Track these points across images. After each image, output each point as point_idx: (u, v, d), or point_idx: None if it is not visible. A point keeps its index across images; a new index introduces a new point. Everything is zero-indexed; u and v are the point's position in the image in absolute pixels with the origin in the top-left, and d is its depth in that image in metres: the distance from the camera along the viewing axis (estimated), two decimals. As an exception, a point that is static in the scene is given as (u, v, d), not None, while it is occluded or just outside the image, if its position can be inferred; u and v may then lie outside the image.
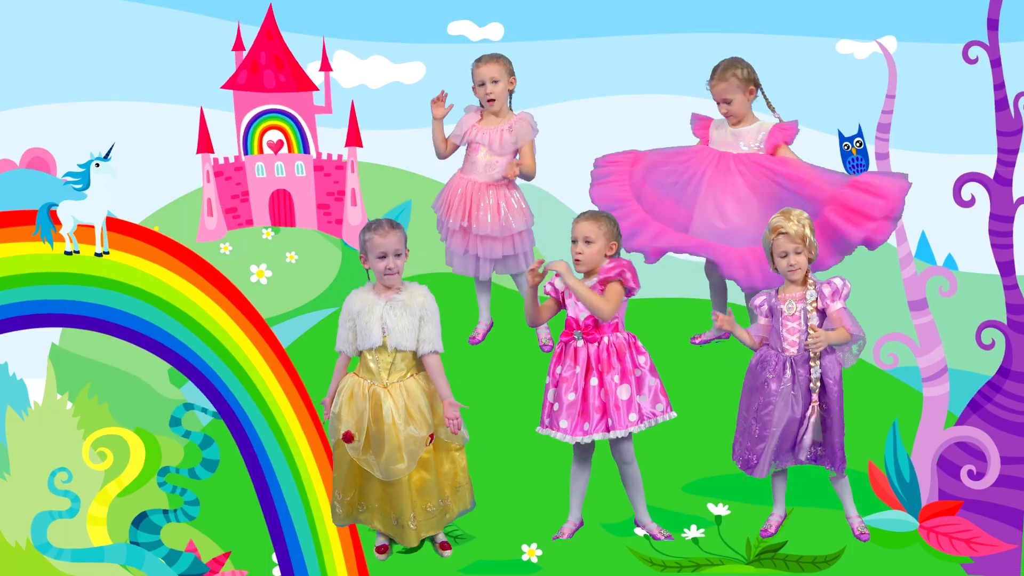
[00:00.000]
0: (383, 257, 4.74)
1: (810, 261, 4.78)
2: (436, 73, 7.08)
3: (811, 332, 4.71)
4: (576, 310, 4.84)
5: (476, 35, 7.14)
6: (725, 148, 5.66)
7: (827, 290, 4.75)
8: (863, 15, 7.00)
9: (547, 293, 4.92)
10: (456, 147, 5.95)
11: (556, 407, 4.82)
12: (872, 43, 6.88)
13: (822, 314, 4.77)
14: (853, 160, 5.21)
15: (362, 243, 4.79)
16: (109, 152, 4.88)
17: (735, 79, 5.60)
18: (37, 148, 5.21)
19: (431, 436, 4.80)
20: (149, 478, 5.18)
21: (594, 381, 4.78)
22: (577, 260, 4.82)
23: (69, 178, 4.88)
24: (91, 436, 5.20)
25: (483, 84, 5.80)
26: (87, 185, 4.85)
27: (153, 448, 5.21)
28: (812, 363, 4.74)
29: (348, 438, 4.76)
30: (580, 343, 4.82)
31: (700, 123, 5.83)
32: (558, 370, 4.84)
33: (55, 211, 4.85)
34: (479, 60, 5.83)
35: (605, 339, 4.79)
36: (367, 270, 4.85)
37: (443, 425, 4.82)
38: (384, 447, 4.73)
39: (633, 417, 4.76)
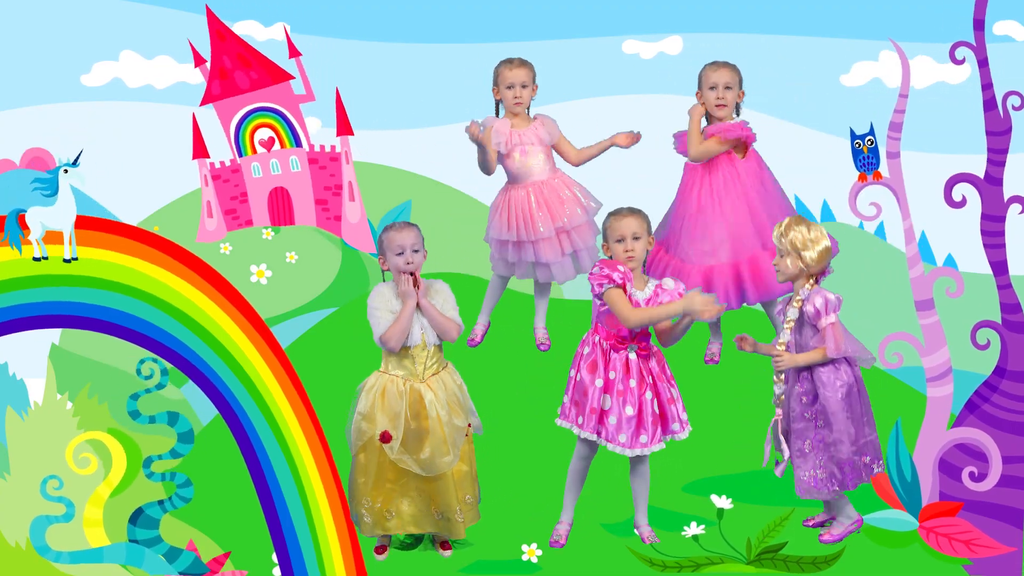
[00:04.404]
0: (400, 254, 4.76)
1: (812, 275, 4.77)
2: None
3: (776, 352, 4.75)
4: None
5: (262, 35, 7.12)
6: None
7: (809, 309, 4.75)
8: (648, 13, 7.08)
9: (614, 284, 4.76)
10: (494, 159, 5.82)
11: (613, 420, 4.78)
12: (657, 43, 6.96)
13: (814, 328, 4.78)
14: (864, 158, 5.21)
15: (380, 244, 4.83)
16: (77, 158, 4.88)
17: (738, 73, 5.66)
18: (37, 148, 5.19)
19: (469, 425, 4.85)
20: (136, 473, 5.16)
21: (649, 395, 4.81)
22: (630, 257, 4.76)
23: (37, 184, 4.87)
24: (72, 443, 5.18)
25: (512, 87, 5.72)
26: (55, 191, 4.84)
27: (129, 444, 5.19)
28: (775, 378, 4.77)
29: (386, 438, 4.76)
30: (633, 356, 4.81)
31: (683, 141, 5.79)
32: (610, 375, 4.80)
33: (23, 216, 4.84)
34: (510, 64, 5.75)
35: (650, 351, 4.83)
36: (385, 272, 4.87)
37: (471, 416, 4.90)
38: (427, 442, 4.74)
39: (685, 415, 4.89)
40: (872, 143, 5.21)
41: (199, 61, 7.00)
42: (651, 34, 7.04)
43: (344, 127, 7.00)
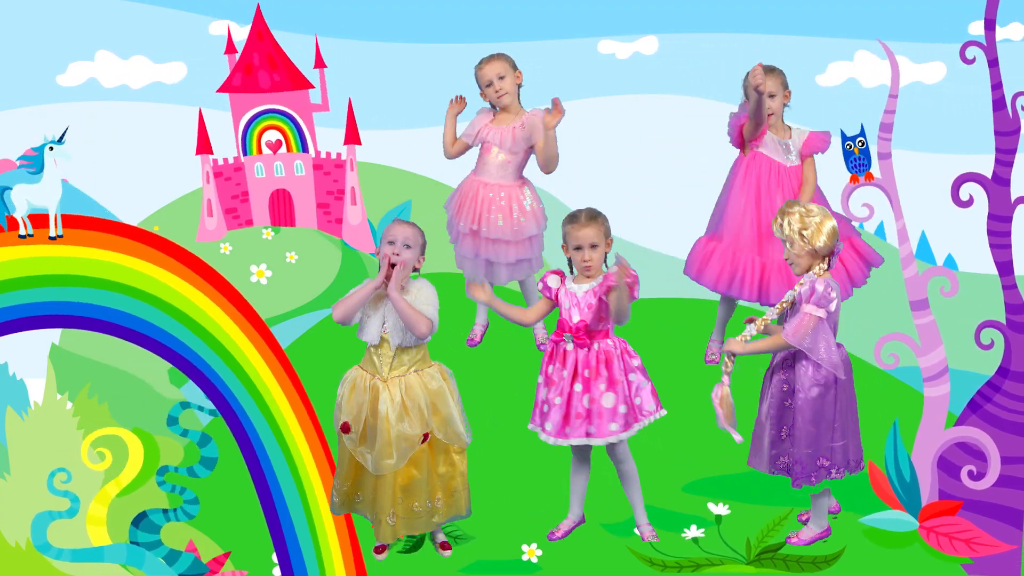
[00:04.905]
0: (392, 243, 4.77)
1: (824, 257, 4.69)
2: (197, 73, 7.07)
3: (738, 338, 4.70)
4: (569, 312, 4.82)
5: (237, 35, 7.14)
6: (776, 156, 5.67)
7: (801, 289, 4.69)
8: (622, 14, 7.10)
9: (541, 292, 4.90)
10: (466, 148, 5.87)
11: (546, 408, 4.83)
12: (633, 43, 6.95)
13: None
14: (855, 160, 5.22)
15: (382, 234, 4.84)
16: (63, 136, 4.87)
17: (782, 75, 5.61)
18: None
19: (425, 435, 4.80)
20: (148, 478, 5.17)
21: (578, 387, 4.78)
22: (588, 267, 4.78)
23: (23, 162, 4.87)
24: (89, 436, 5.19)
25: (491, 84, 5.74)
26: (41, 169, 4.83)
27: (151, 448, 5.21)
28: (725, 363, 4.72)
29: (345, 428, 4.79)
30: (570, 347, 4.81)
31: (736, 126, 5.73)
32: (549, 370, 4.85)
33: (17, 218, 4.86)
34: (480, 63, 5.77)
35: (596, 345, 4.79)
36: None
37: (443, 425, 4.83)
38: (377, 441, 4.74)
39: (614, 427, 4.77)
40: (863, 144, 5.21)
41: (230, 49, 7.03)
42: (627, 35, 7.05)
43: (352, 136, 7.02)
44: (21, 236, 4.86)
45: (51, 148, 4.85)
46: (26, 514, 5.11)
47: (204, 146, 6.98)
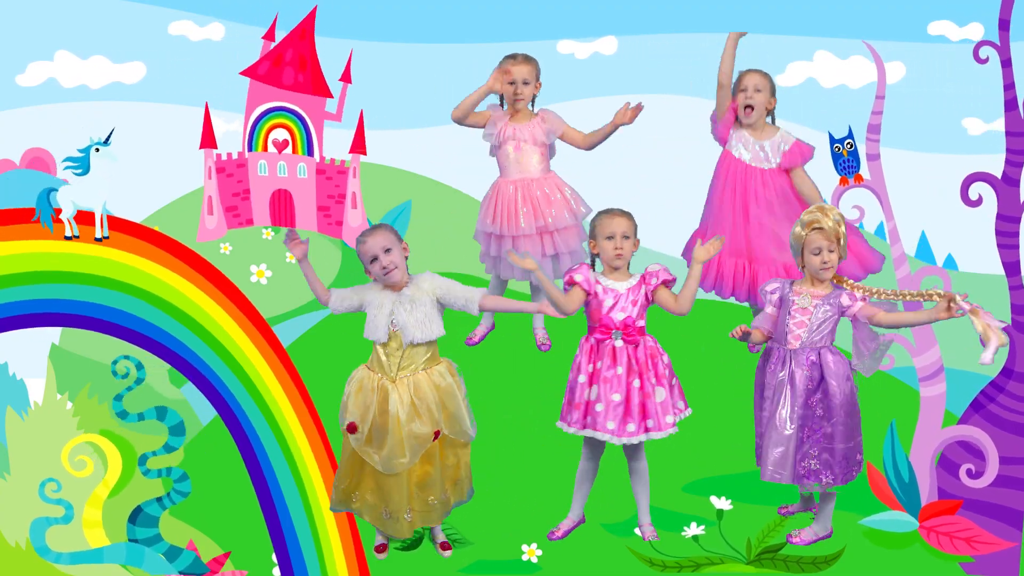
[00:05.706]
0: (374, 260, 4.78)
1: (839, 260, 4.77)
2: (156, 72, 7.06)
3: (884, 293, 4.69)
4: (611, 309, 4.83)
5: (197, 35, 7.12)
6: (749, 157, 5.67)
7: (846, 299, 4.74)
8: (580, 14, 7.06)
9: (574, 284, 4.88)
10: (475, 126, 5.86)
11: (600, 407, 4.81)
12: (592, 43, 6.95)
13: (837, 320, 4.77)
14: (844, 162, 5.22)
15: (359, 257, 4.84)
16: (109, 137, 4.87)
17: (768, 78, 5.62)
18: (37, 148, 5.21)
19: (436, 433, 4.80)
20: (132, 472, 5.17)
21: (636, 383, 4.81)
22: (619, 255, 4.82)
23: (69, 163, 4.87)
24: (66, 446, 5.19)
25: (514, 83, 5.75)
26: (87, 170, 4.83)
27: (123, 443, 5.20)
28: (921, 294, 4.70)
29: (351, 429, 4.79)
30: (619, 343, 4.82)
31: (723, 122, 5.75)
32: (597, 365, 4.84)
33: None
34: (515, 58, 5.77)
35: (642, 341, 4.83)
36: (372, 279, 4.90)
37: (451, 421, 4.83)
38: (387, 440, 4.74)
39: (669, 419, 4.84)
40: (851, 146, 5.21)
41: (269, 36, 7.01)
42: (586, 36, 7.04)
43: (359, 146, 7.01)
44: (67, 237, 4.86)
45: (97, 149, 4.85)
46: (26, 514, 5.11)
47: (208, 140, 6.95)
